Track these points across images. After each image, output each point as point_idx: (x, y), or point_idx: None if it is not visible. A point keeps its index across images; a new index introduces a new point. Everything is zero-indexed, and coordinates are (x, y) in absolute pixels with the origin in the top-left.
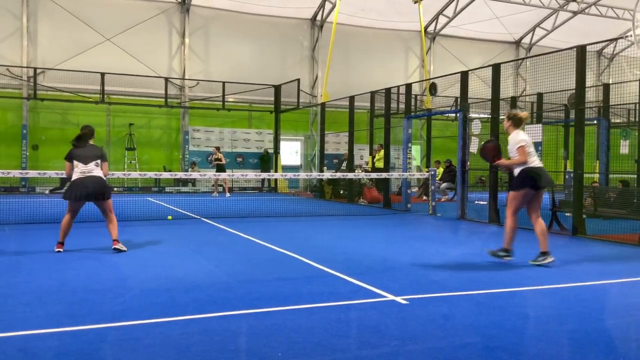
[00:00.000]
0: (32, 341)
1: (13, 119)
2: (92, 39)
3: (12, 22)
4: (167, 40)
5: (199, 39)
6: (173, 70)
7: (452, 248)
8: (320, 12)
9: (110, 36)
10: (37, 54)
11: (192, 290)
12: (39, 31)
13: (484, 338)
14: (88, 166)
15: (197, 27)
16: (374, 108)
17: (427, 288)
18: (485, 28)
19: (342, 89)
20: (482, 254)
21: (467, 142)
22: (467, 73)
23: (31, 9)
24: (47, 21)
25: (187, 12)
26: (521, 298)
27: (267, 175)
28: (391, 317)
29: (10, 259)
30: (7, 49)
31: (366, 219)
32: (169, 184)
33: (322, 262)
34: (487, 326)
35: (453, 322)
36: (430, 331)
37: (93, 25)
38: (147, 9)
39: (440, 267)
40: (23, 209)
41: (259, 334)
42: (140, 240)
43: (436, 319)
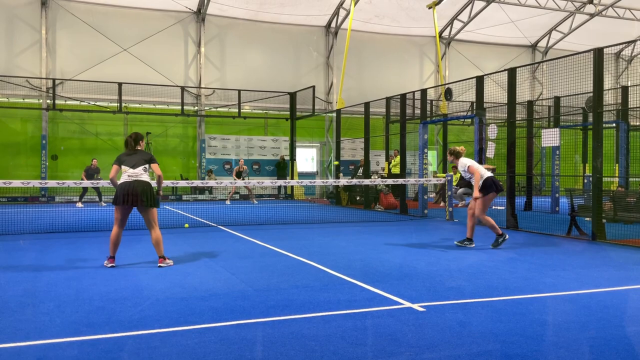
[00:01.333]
0: (51, 350)
1: (33, 129)
2: (110, 49)
3: (32, 34)
4: (183, 50)
5: (215, 48)
6: (189, 79)
7: (469, 254)
8: (335, 19)
9: (127, 46)
10: (55, 65)
11: (209, 298)
12: (58, 43)
13: (502, 345)
14: (136, 170)
15: (212, 36)
16: (390, 114)
17: (443, 295)
18: (500, 32)
19: (357, 95)
20: (500, 260)
21: (484, 147)
22: (482, 78)
23: (50, 21)
24: (65, 33)
25: (203, 22)
26: (540, 304)
27: (283, 182)
28: (408, 324)
29: (30, 268)
30: (27, 60)
31: (382, 226)
32: (186, 192)
33: (338, 269)
34: (505, 333)
35: (470, 330)
36: (447, 339)
37: (110, 36)
38: (163, 19)
39: (457, 274)
40: (42, 218)
41: (275, 342)
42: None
43: (453, 326)
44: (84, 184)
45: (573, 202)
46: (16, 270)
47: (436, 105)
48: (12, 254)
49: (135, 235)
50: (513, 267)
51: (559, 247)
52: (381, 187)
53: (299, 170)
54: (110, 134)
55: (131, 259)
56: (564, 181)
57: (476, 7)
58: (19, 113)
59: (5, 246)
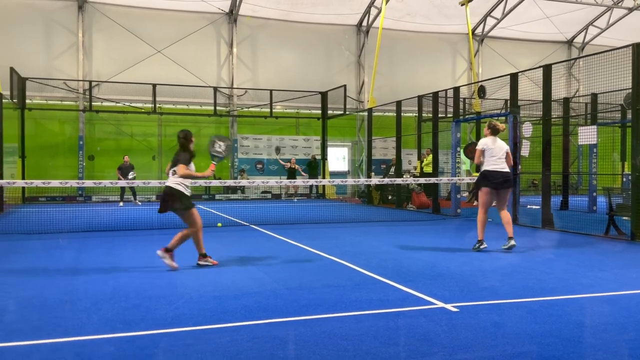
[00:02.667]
0: (88, 346)
1: (70, 130)
2: (144, 51)
3: (69, 37)
4: (215, 51)
5: (247, 48)
6: (222, 79)
7: (503, 254)
8: (366, 17)
9: (161, 48)
10: (92, 68)
11: (241, 297)
12: (94, 45)
13: (538, 347)
14: (169, 175)
15: (244, 36)
16: (422, 112)
17: (477, 295)
18: (535, 28)
19: (388, 94)
20: (535, 260)
21: (518, 145)
22: (517, 75)
23: (86, 25)
24: (101, 36)
25: (235, 22)
26: (577, 306)
27: (314, 181)
28: (441, 325)
29: (68, 266)
30: (64, 63)
31: (415, 225)
32: (219, 192)
33: (370, 269)
34: (541, 335)
35: (505, 331)
36: (481, 340)
37: (144, 38)
38: (196, 20)
39: (491, 274)
40: (79, 217)
41: (308, 341)
42: (191, 247)
43: (487, 327)
44: (120, 183)
45: (611, 201)
46: (55, 268)
47: (469, 103)
48: (51, 253)
49: (169, 235)
50: (549, 268)
51: (597, 247)
52: (413, 186)
53: (331, 169)
54: (145, 135)
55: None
56: (602, 180)
57: (510, 3)
58: (57, 115)
59: (44, 245)
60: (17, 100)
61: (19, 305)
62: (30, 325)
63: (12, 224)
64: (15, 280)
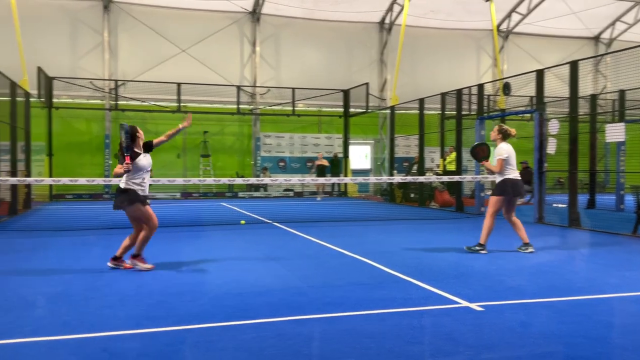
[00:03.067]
0: (114, 342)
1: (97, 129)
2: (169, 50)
3: (94, 37)
4: (238, 49)
5: (269, 47)
6: (245, 78)
7: (529, 253)
8: (389, 15)
9: (185, 47)
10: (117, 67)
11: (265, 294)
12: (119, 45)
13: (566, 347)
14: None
15: (267, 35)
16: (445, 110)
17: (503, 295)
18: (561, 24)
19: (411, 91)
20: (562, 259)
21: (544, 142)
22: (542, 71)
23: (112, 24)
24: (126, 35)
25: (258, 21)
26: (606, 306)
27: (337, 179)
28: (466, 324)
29: (94, 262)
30: (90, 62)
31: (438, 223)
32: (242, 190)
33: (393, 267)
34: (569, 335)
35: (531, 330)
36: (507, 339)
37: (169, 37)
38: (220, 19)
39: (517, 273)
40: (105, 215)
41: (331, 339)
42: (215, 244)
43: (513, 326)
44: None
45: (639, 199)
46: (82, 264)
47: (493, 100)
48: (78, 249)
49: (194, 232)
50: (576, 267)
51: (624, 247)
52: (436, 184)
53: (353, 167)
54: None
55: (189, 254)
56: (630, 178)
57: None
58: (84, 113)
59: (71, 241)
60: (44, 99)
61: (47, 300)
62: (57, 320)
63: (40, 221)
64: (43, 276)
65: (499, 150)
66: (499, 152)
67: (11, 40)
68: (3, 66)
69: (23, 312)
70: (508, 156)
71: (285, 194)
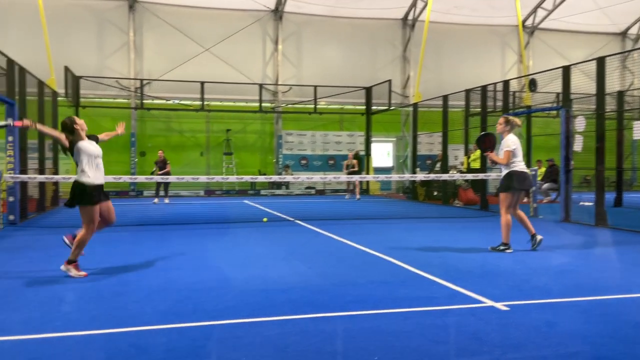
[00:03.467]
0: (142, 337)
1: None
2: (192, 49)
3: (120, 36)
4: (261, 48)
5: (291, 45)
6: (267, 76)
7: (555, 252)
8: (412, 11)
9: (208, 46)
10: (143, 66)
11: (288, 291)
12: (145, 44)
13: (592, 347)
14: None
15: (289, 33)
16: (469, 107)
17: (529, 294)
18: (587, 19)
19: (434, 88)
20: (588, 258)
21: (571, 140)
22: (569, 67)
23: (137, 24)
24: (151, 35)
25: (280, 19)
26: (632, 305)
27: (358, 177)
28: (491, 323)
29: (122, 259)
30: (116, 61)
31: (462, 222)
32: (264, 187)
33: (416, 266)
34: (595, 335)
35: (557, 330)
36: (533, 339)
37: (193, 36)
38: (243, 18)
39: (543, 272)
40: (132, 212)
41: (355, 337)
42: (239, 241)
43: (539, 326)
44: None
45: None
46: (109, 260)
47: (519, 96)
48: (106, 245)
49: (217, 229)
50: (602, 266)
51: None
52: (460, 182)
53: (375, 165)
54: (194, 131)
55: (214, 251)
56: None
57: None
58: (110, 112)
59: (99, 238)
60: (71, 98)
61: (76, 296)
62: (86, 315)
63: (69, 218)
64: None
65: (506, 141)
66: (506, 143)
67: (39, 40)
68: (31, 65)
69: (53, 307)
70: (515, 148)
71: (307, 191)
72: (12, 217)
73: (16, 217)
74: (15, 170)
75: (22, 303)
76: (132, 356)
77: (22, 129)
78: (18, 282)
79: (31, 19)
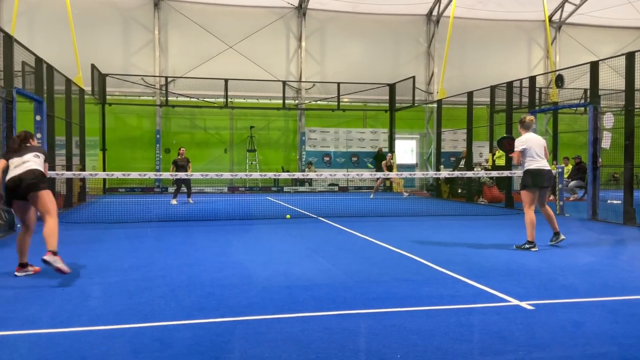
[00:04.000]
0: (167, 331)
1: (148, 124)
2: (217, 47)
3: (146, 34)
4: (284, 45)
5: (315, 42)
6: (290, 73)
7: (582, 251)
8: (437, 7)
9: (232, 44)
10: (167, 64)
11: (311, 288)
12: (169, 42)
13: (619, 348)
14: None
15: (313, 30)
16: (494, 103)
17: (554, 293)
18: (616, 14)
19: (459, 84)
20: (616, 257)
21: (599, 136)
22: (597, 63)
23: (162, 22)
24: (176, 32)
25: (304, 17)
26: None
27: (382, 174)
28: (516, 322)
29: (147, 254)
30: (142, 59)
31: (486, 219)
32: (287, 184)
33: (440, 264)
34: (622, 335)
35: (584, 330)
36: (559, 339)
37: (217, 34)
38: (266, 15)
39: (569, 271)
40: (157, 208)
41: (377, 335)
42: (262, 238)
43: (565, 326)
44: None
45: None
46: (135, 256)
47: (545, 93)
48: (132, 241)
49: (241, 225)
50: (630, 265)
51: None
52: (485, 179)
53: (398, 162)
54: (218, 128)
55: (238, 247)
56: None
57: None
58: (136, 109)
59: (125, 233)
60: (98, 96)
61: (102, 291)
62: (112, 310)
63: (95, 214)
64: (98, 267)
65: (516, 142)
66: (516, 144)
67: (66, 38)
68: (58, 64)
69: (81, 301)
70: (525, 147)
71: (330, 188)
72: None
73: None
74: None
75: (51, 297)
76: (157, 350)
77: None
78: (47, 276)
79: (59, 18)
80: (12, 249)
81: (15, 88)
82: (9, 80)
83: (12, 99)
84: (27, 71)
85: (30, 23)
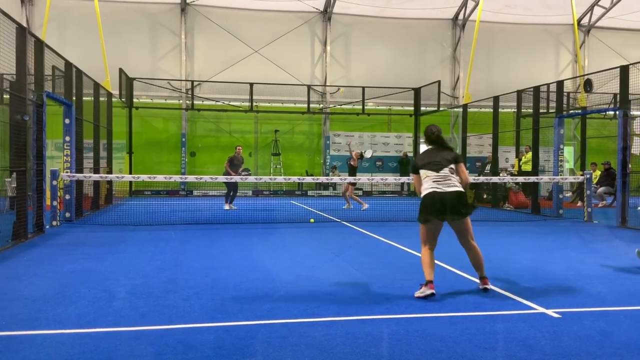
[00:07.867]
0: (190, 334)
1: (174, 128)
2: (242, 51)
3: (172, 39)
4: (309, 49)
5: (340, 46)
6: (315, 77)
7: (611, 259)
8: (462, 11)
9: (258, 48)
10: (194, 68)
11: (334, 292)
12: (196, 46)
13: None
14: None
15: (338, 34)
16: (521, 108)
17: (582, 302)
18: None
19: (485, 89)
20: None
21: (629, 142)
22: (627, 67)
23: (188, 27)
24: (202, 37)
25: (329, 21)
26: None
27: (406, 179)
28: (542, 331)
29: (172, 257)
30: (168, 64)
31: (512, 225)
32: (311, 188)
33: (465, 270)
34: None
35: (612, 340)
36: (586, 348)
37: (242, 38)
38: (292, 20)
39: (597, 280)
40: (183, 210)
41: (400, 340)
42: (286, 241)
43: (593, 335)
44: (234, 178)
45: None
46: (160, 258)
47: (574, 97)
48: (157, 243)
49: (265, 229)
50: None
51: None
52: (511, 184)
53: None
54: (242, 132)
55: (262, 250)
56: None
57: None
58: (162, 113)
59: (151, 235)
60: (125, 99)
61: (127, 292)
62: (137, 311)
63: (122, 216)
64: (124, 268)
65: None
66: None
67: (95, 43)
68: (87, 68)
69: (106, 303)
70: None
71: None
72: (69, 215)
73: (72, 214)
74: (71, 169)
75: (77, 298)
76: (180, 353)
77: (78, 127)
78: (73, 277)
79: (88, 23)
80: (40, 250)
81: (46, 92)
82: (40, 84)
83: (42, 103)
84: (57, 75)
85: (61, 28)
